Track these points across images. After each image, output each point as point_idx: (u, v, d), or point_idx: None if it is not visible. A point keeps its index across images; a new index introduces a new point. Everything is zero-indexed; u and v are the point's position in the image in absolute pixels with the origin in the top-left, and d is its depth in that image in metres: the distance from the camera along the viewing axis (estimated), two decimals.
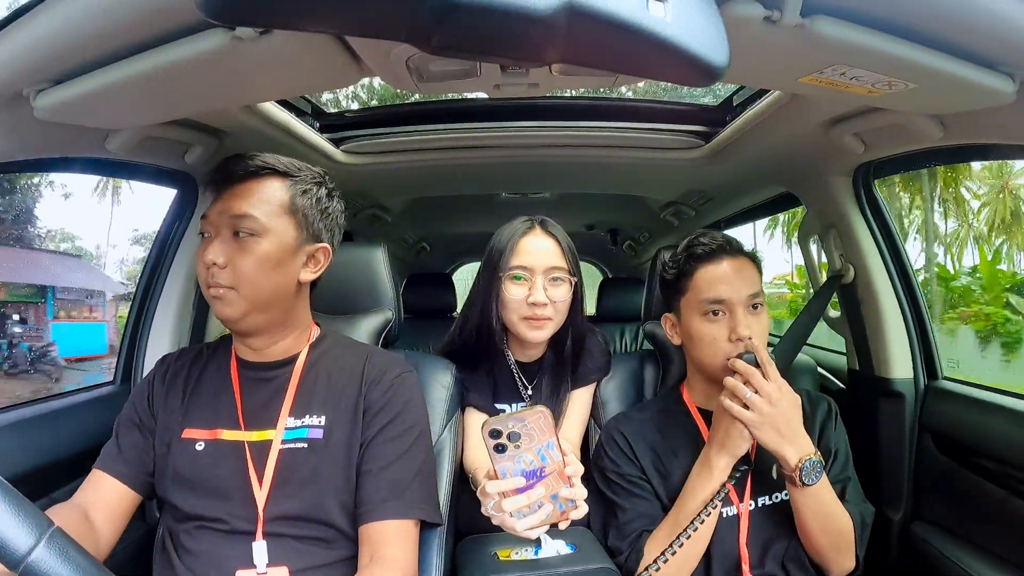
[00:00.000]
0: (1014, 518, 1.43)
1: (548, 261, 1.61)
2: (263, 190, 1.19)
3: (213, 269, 1.14)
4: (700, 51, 0.65)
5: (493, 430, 1.08)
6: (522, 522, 1.12)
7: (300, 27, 0.67)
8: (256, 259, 1.15)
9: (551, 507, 1.12)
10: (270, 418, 1.22)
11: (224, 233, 1.16)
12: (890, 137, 1.45)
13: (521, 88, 1.19)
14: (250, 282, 1.15)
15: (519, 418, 1.08)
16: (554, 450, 1.09)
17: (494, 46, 0.63)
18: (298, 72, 1.09)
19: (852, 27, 0.88)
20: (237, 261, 1.15)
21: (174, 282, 1.75)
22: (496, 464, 1.10)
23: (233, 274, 1.14)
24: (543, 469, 1.10)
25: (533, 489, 1.10)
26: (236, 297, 1.15)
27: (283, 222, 1.19)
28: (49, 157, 1.29)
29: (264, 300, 1.19)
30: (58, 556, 0.63)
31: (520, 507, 1.11)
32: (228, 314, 1.17)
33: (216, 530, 1.16)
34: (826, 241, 1.95)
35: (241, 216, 1.15)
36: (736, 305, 1.36)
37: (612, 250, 4.41)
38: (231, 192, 1.18)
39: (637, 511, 1.39)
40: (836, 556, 1.33)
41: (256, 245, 1.16)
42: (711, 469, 1.31)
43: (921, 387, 1.79)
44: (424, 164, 2.06)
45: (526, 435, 1.08)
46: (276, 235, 1.18)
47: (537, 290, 1.59)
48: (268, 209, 1.18)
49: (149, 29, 0.90)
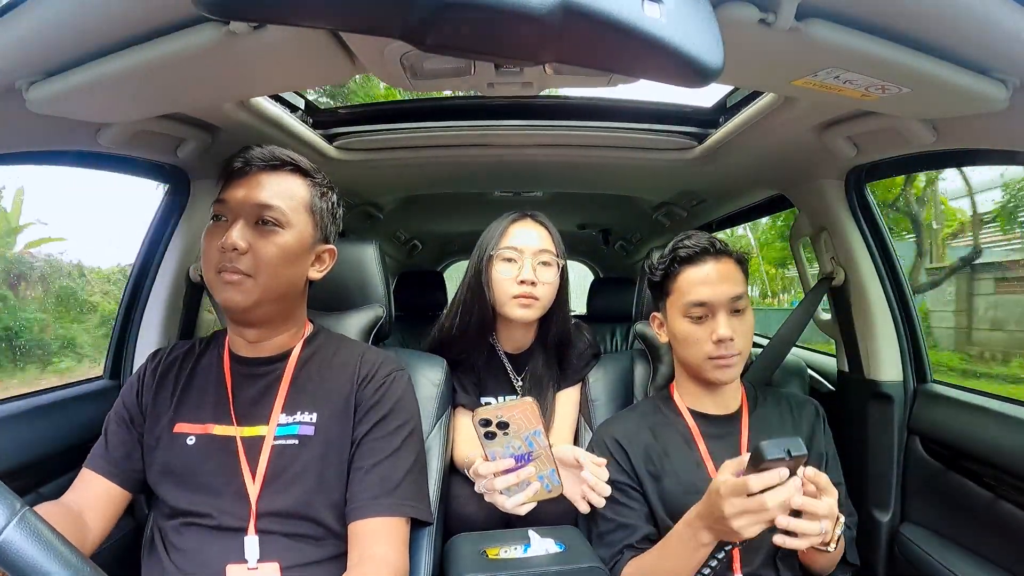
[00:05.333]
0: (1002, 521, 1.44)
1: (537, 244, 1.68)
2: (286, 184, 1.20)
3: (232, 254, 1.13)
4: (694, 52, 0.65)
5: (483, 419, 1.16)
6: (511, 499, 1.21)
7: (294, 22, 0.67)
8: (278, 249, 1.16)
9: (538, 486, 1.21)
10: (262, 414, 1.21)
11: (246, 219, 1.16)
12: (883, 141, 1.45)
13: (515, 87, 1.20)
14: (268, 271, 1.15)
15: (508, 409, 1.13)
16: (541, 437, 1.18)
17: (488, 44, 0.63)
18: (292, 67, 1.09)
19: (846, 31, 0.88)
20: (259, 248, 1.15)
21: (164, 277, 1.74)
22: (486, 449, 1.19)
23: (253, 261, 1.14)
24: (531, 453, 1.20)
25: (523, 468, 1.18)
26: (252, 285, 1.15)
27: (303, 219, 1.21)
28: (41, 150, 1.28)
29: (276, 292, 1.19)
30: (29, 537, 0.62)
31: (510, 485, 1.20)
32: (238, 301, 1.16)
33: (205, 526, 1.16)
34: (817, 243, 1.96)
35: (267, 205, 1.16)
36: (718, 308, 1.37)
37: (604, 250, 4.42)
38: (255, 180, 1.18)
39: (621, 520, 1.39)
40: (831, 567, 1.36)
41: (278, 236, 1.17)
42: (695, 542, 1.17)
43: (910, 390, 1.80)
44: (417, 162, 2.06)
45: (514, 423, 1.15)
46: (297, 230, 1.19)
47: (526, 268, 1.64)
48: (292, 204, 1.19)
49: (143, 22, 0.89)
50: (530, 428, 1.16)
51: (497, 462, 1.18)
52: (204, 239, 1.18)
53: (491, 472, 1.21)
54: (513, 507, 1.22)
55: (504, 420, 1.16)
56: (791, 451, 1.01)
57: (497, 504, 1.23)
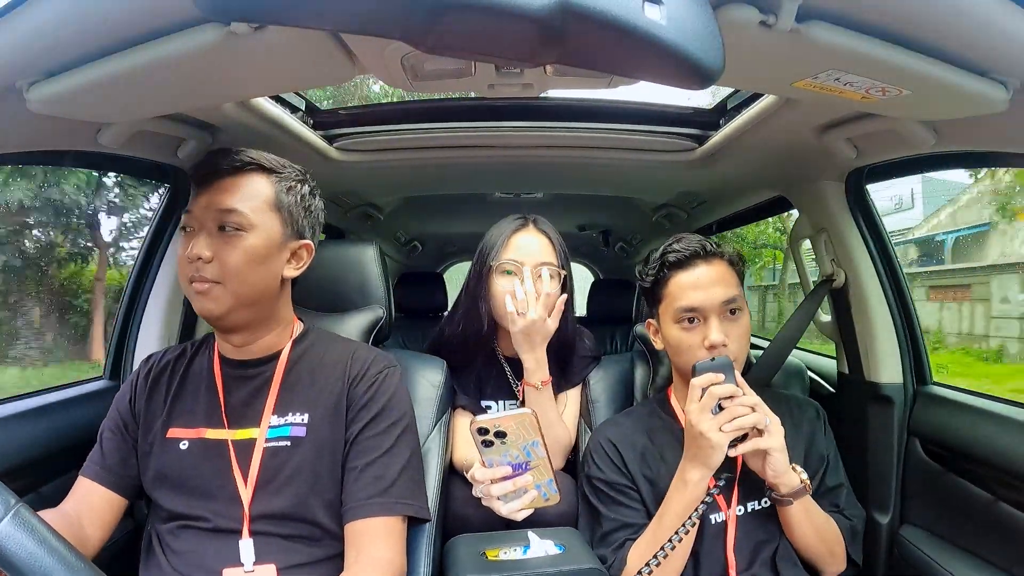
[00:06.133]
0: (1001, 523, 1.44)
1: (538, 257, 1.65)
2: (248, 185, 1.19)
3: (198, 263, 1.13)
4: (695, 54, 0.65)
5: (480, 428, 1.16)
6: (507, 505, 1.22)
7: (295, 23, 0.67)
8: (242, 253, 1.15)
9: (535, 494, 1.21)
10: (254, 416, 1.21)
11: (209, 227, 1.16)
12: (883, 143, 1.45)
13: (515, 88, 1.19)
14: (236, 276, 1.15)
15: (506, 419, 1.13)
16: (539, 448, 1.18)
17: (488, 46, 0.63)
18: (292, 68, 1.08)
19: (847, 33, 0.88)
20: (223, 255, 1.14)
21: (165, 277, 1.74)
22: (484, 456, 1.19)
23: (219, 268, 1.14)
24: (528, 463, 1.20)
25: (520, 477, 1.19)
26: (222, 292, 1.15)
27: (269, 218, 1.19)
28: (41, 150, 1.28)
29: (249, 295, 1.18)
30: (23, 531, 0.62)
31: (506, 492, 1.21)
32: (211, 309, 1.16)
33: (201, 529, 1.16)
34: (817, 245, 1.96)
35: (228, 211, 1.15)
36: (710, 312, 1.35)
37: (604, 252, 4.41)
38: (216, 187, 1.17)
39: (621, 520, 1.39)
40: (831, 559, 1.36)
41: (242, 240, 1.15)
42: (685, 483, 1.28)
43: (910, 392, 1.80)
44: (417, 163, 2.06)
45: (512, 434, 1.15)
46: (262, 230, 1.18)
47: (526, 283, 1.61)
48: (254, 204, 1.18)
49: (143, 23, 0.89)
50: (529, 439, 1.16)
51: (494, 469, 1.19)
52: (178, 250, 1.19)
53: (487, 478, 1.22)
54: (509, 513, 1.23)
55: (501, 430, 1.16)
56: (716, 360, 1.27)
57: (493, 508, 1.24)
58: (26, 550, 0.62)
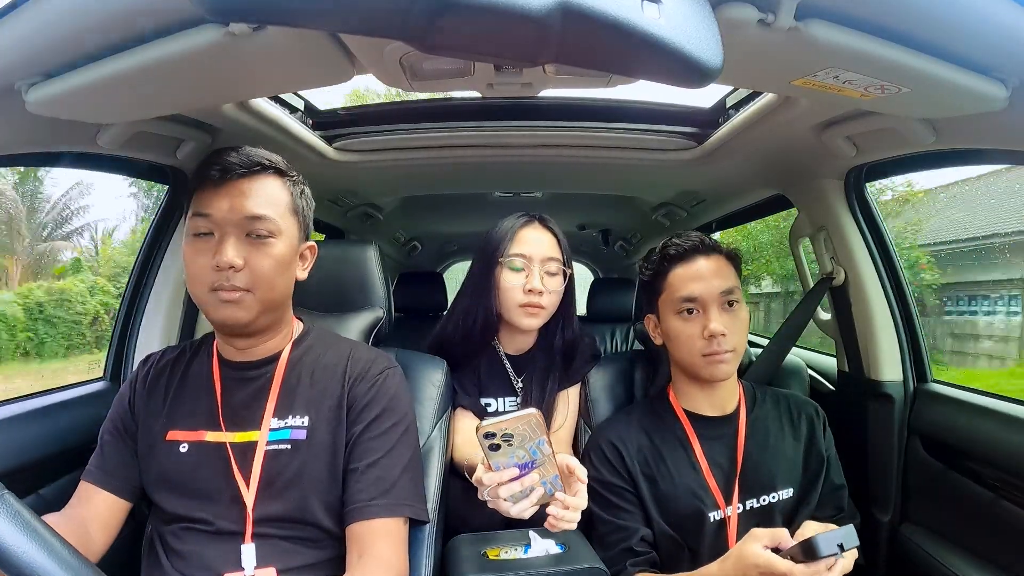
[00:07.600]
0: (1002, 521, 1.44)
1: (546, 252, 1.67)
2: (267, 189, 1.16)
3: (228, 272, 1.10)
4: (693, 53, 0.65)
5: (487, 432, 1.13)
6: (516, 506, 1.19)
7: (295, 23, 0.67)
8: (273, 261, 1.14)
9: (541, 491, 1.19)
10: (254, 419, 1.20)
11: (236, 233, 1.12)
12: (882, 141, 1.46)
13: (514, 88, 1.20)
14: (265, 283, 1.13)
15: (512, 421, 1.12)
16: (545, 445, 1.16)
17: (487, 45, 0.63)
18: (292, 68, 1.08)
19: (846, 31, 0.88)
20: (255, 263, 1.12)
21: (165, 278, 1.74)
22: (491, 460, 1.16)
23: (250, 276, 1.11)
24: (534, 461, 1.17)
25: (527, 476, 1.17)
26: (252, 300, 1.13)
27: (290, 223, 1.19)
28: (40, 151, 1.28)
29: (274, 301, 1.18)
30: (7, 518, 0.63)
31: (514, 493, 1.18)
32: (240, 317, 1.13)
33: (202, 531, 1.15)
34: (817, 243, 1.96)
35: (257, 217, 1.12)
36: (709, 302, 1.37)
37: (604, 250, 4.41)
38: (235, 189, 1.13)
39: (618, 523, 1.40)
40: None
41: (271, 247, 1.14)
42: None
43: (910, 390, 1.80)
44: (417, 163, 2.06)
45: (518, 435, 1.15)
46: (287, 236, 1.17)
47: (535, 277, 1.63)
48: (280, 210, 1.16)
49: (142, 23, 0.89)
50: (535, 438, 1.16)
51: (501, 472, 1.18)
52: (187, 255, 1.14)
53: (495, 482, 1.22)
54: (518, 513, 1.23)
55: (508, 432, 1.16)
56: (843, 545, 1.04)
57: (501, 511, 1.24)
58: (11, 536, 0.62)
